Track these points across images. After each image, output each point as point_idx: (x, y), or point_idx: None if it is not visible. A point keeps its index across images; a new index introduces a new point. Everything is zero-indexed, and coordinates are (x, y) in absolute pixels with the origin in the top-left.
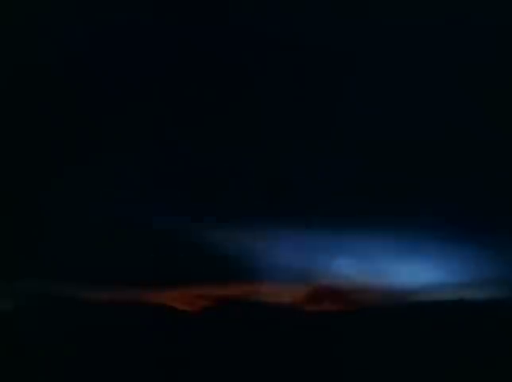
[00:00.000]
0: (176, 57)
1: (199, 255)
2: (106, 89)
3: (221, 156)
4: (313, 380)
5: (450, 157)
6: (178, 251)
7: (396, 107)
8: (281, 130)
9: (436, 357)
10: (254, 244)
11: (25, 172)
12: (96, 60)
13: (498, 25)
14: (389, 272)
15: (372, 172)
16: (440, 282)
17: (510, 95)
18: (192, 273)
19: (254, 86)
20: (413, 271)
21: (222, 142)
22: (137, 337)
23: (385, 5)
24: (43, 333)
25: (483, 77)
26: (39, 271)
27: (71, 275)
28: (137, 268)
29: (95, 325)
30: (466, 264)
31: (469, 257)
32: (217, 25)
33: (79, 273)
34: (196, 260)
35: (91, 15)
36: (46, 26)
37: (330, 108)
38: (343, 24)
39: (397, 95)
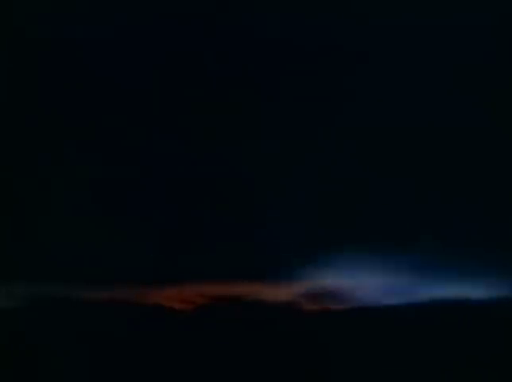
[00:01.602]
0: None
1: (198, 254)
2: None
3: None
4: (312, 379)
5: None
6: (177, 250)
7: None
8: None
9: (437, 357)
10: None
11: (24, 173)
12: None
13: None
14: (389, 272)
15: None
16: (441, 281)
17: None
18: (190, 272)
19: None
20: (414, 271)
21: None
22: (136, 337)
23: (381, 5)
24: (42, 333)
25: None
26: (38, 272)
27: (69, 276)
28: (136, 268)
29: (94, 325)
30: (466, 264)
31: (469, 257)
32: (213, 27)
33: (77, 273)
34: (195, 259)
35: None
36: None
37: None
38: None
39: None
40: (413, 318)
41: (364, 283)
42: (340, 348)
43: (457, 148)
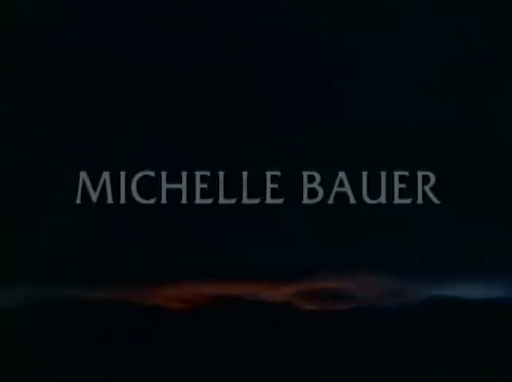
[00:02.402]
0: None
1: (198, 254)
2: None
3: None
4: (312, 379)
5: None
6: (176, 250)
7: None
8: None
9: (436, 357)
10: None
11: (23, 174)
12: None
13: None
14: (389, 272)
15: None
16: (441, 281)
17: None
18: (190, 272)
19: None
20: (414, 271)
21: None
22: (135, 337)
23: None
24: (41, 333)
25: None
26: (36, 272)
27: (69, 276)
28: (135, 267)
29: (93, 325)
30: (466, 264)
31: (470, 257)
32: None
33: (76, 273)
34: (195, 259)
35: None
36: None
37: None
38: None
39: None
40: (412, 319)
41: (364, 283)
42: (340, 349)
43: (456, 147)
